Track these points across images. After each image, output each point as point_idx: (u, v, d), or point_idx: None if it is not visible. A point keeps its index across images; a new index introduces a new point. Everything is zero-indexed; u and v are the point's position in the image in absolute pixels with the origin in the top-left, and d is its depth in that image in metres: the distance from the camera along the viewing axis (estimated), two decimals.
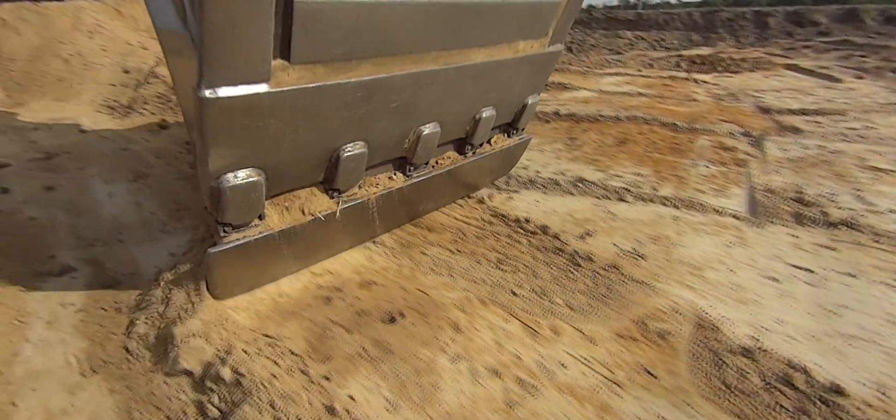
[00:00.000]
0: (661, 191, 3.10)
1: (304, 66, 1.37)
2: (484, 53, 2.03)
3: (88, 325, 1.63)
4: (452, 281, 1.99)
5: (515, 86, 2.42)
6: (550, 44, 2.44)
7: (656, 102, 5.96)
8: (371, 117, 1.68)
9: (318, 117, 1.50)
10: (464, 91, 2.06)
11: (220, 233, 1.52)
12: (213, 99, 1.19)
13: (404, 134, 1.95)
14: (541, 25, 2.27)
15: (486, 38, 1.98)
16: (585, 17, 11.96)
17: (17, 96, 5.04)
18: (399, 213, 2.33)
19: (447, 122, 2.11)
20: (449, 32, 1.77)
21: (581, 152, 4.03)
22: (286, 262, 1.83)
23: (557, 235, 2.41)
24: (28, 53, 5.29)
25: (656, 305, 1.89)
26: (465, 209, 2.77)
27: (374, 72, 1.57)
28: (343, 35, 1.39)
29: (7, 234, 2.20)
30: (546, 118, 5.22)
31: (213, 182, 1.39)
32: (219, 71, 1.17)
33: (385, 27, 1.49)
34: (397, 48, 1.60)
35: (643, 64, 9.22)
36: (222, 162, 1.36)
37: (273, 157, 1.48)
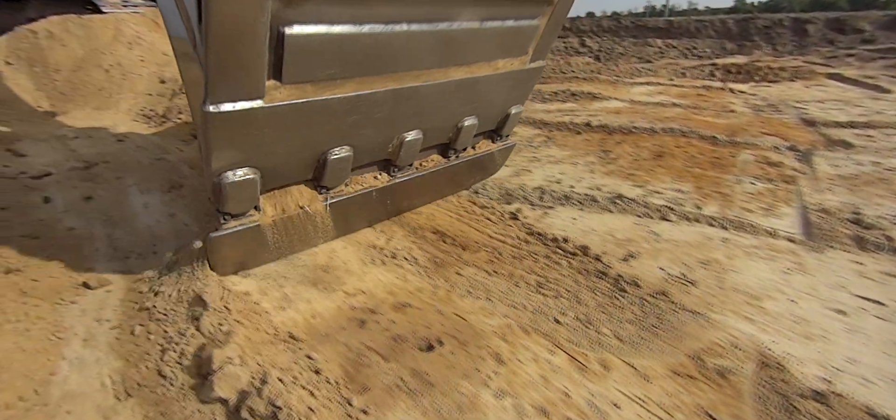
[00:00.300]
0: (706, 209, 2.93)
1: (294, 85, 1.60)
2: (464, 71, 2.21)
3: (123, 344, 1.60)
4: (491, 305, 1.89)
5: (497, 98, 2.60)
6: (531, 61, 2.61)
7: (692, 113, 5.74)
8: (356, 126, 1.90)
9: (307, 127, 1.74)
10: (445, 103, 2.25)
11: (221, 220, 1.77)
12: (216, 113, 1.44)
13: (388, 140, 2.16)
14: (520, 46, 2.45)
15: (465, 58, 2.17)
16: (613, 25, 11.75)
17: (61, 105, 5.22)
18: (383, 209, 2.51)
19: (429, 130, 2.30)
20: (427, 55, 1.96)
21: (616, 166, 3.88)
22: (277, 247, 2.03)
23: (599, 257, 2.29)
24: (72, 64, 5.48)
25: (713, 339, 1.75)
26: (498, 225, 2.68)
27: (357, 89, 1.78)
28: (328, 60, 1.62)
29: (48, 245, 2.22)
30: (577, 129, 5.09)
31: (215, 178, 1.63)
32: (221, 91, 1.41)
33: (366, 53, 1.71)
34: (378, 69, 1.81)
35: (675, 73, 8.95)
36: (223, 163, 1.61)
37: (267, 159, 1.73)
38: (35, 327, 1.64)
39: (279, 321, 1.73)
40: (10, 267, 1.96)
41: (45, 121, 4.84)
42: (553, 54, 10.67)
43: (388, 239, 2.47)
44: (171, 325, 1.67)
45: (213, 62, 1.33)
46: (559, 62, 9.86)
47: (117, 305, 1.86)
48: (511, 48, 2.43)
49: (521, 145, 4.61)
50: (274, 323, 1.71)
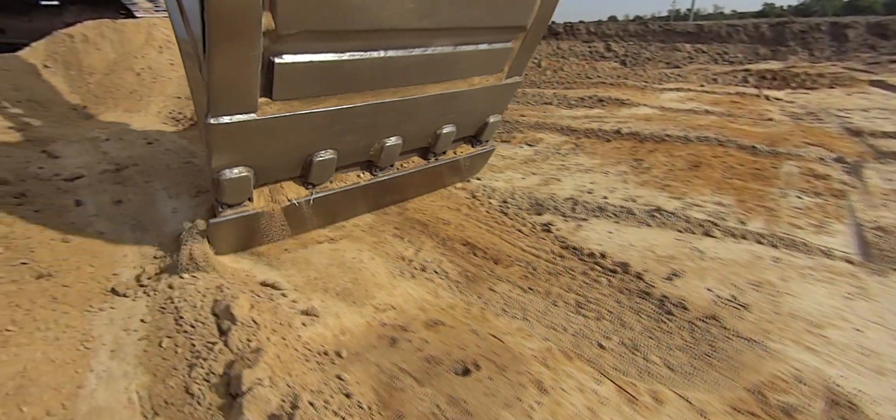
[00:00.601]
0: (751, 225, 2.76)
1: (282, 102, 1.87)
2: (440, 87, 2.43)
3: (151, 357, 1.56)
4: (529, 326, 1.79)
5: (474, 109, 2.84)
6: (507, 77, 2.83)
7: (727, 121, 5.51)
8: (338, 133, 2.17)
9: (294, 135, 2.01)
10: (422, 114, 2.49)
11: (219, 209, 2.05)
12: (216, 124, 1.71)
13: (369, 145, 2.41)
14: (495, 65, 2.67)
15: (441, 77, 2.40)
16: (640, 30, 11.47)
17: (94, 107, 5.34)
18: (365, 204, 2.77)
19: (409, 136, 2.55)
20: (404, 75, 2.20)
21: (650, 176, 3.72)
22: (268, 232, 2.32)
23: (641, 275, 2.15)
24: (105, 67, 5.61)
25: (774, 371, 1.60)
26: (530, 238, 2.57)
27: (339, 104, 2.03)
28: (312, 82, 1.89)
29: (78, 250, 2.21)
30: (606, 137, 4.93)
31: (214, 175, 1.92)
32: (221, 107, 1.69)
33: (346, 75, 1.97)
34: (358, 88, 2.07)
35: (706, 78, 8.67)
36: (221, 163, 1.90)
37: (259, 160, 2.02)
38: (64, 336, 1.62)
39: (308, 336, 1.66)
40: (41, 272, 1.95)
41: (78, 122, 4.95)
42: (578, 59, 10.48)
43: (417, 250, 2.39)
44: (198, 338, 1.61)
45: (214, 84, 1.61)
46: (584, 67, 9.67)
47: (145, 313, 1.82)
48: (486, 67, 2.64)
49: (548, 153, 4.49)
50: (303, 338, 1.64)
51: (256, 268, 2.22)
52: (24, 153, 3.78)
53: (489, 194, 3.26)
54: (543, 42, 11.54)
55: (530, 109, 6.58)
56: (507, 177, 3.76)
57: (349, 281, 2.08)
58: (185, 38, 2.05)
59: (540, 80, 8.69)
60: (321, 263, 2.24)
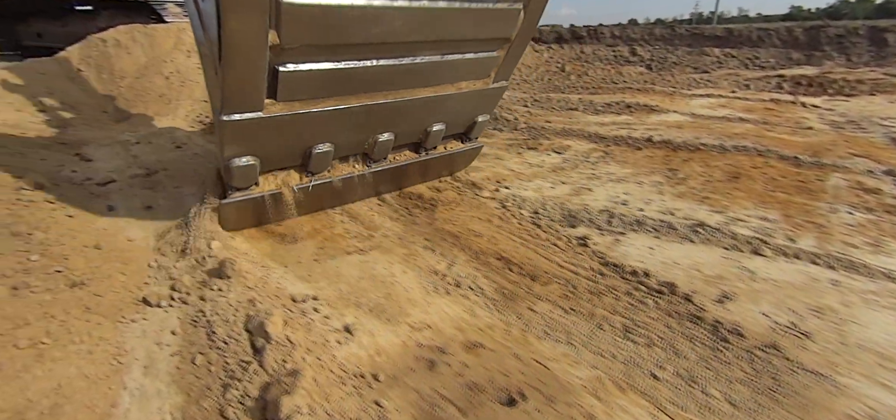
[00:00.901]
0: (802, 242, 2.60)
1: (285, 102, 2.13)
2: (430, 91, 2.66)
3: (184, 375, 1.51)
4: (575, 352, 1.68)
5: (462, 110, 3.08)
6: (494, 82, 3.04)
7: (765, 130, 5.29)
8: (335, 130, 2.44)
9: (295, 130, 2.28)
10: (413, 114, 2.73)
11: (228, 192, 2.35)
12: (228, 121, 1.98)
13: (364, 139, 2.68)
14: (481, 71, 2.89)
15: (430, 82, 2.64)
16: (666, 34, 11.20)
17: (124, 110, 5.43)
18: (361, 191, 2.99)
19: (401, 133, 2.79)
20: (396, 81, 2.46)
21: (687, 187, 3.57)
22: (272, 213, 2.58)
23: (689, 297, 2.03)
24: (135, 71, 5.71)
25: (847, 411, 1.46)
26: (567, 253, 2.46)
27: (336, 104, 2.29)
28: (311, 86, 2.16)
29: (110, 257, 2.20)
30: (636, 145, 4.77)
31: (225, 162, 2.20)
32: (232, 106, 1.94)
33: (343, 81, 2.23)
34: (353, 91, 2.33)
35: (737, 84, 8.39)
36: (231, 152, 2.18)
37: (265, 150, 2.29)
38: (98, 349, 1.58)
39: (344, 357, 1.59)
40: (75, 280, 1.93)
41: (109, 125, 5.04)
42: (603, 64, 10.29)
43: (450, 264, 2.31)
44: (231, 356, 1.56)
45: (227, 87, 1.86)
46: (610, 72, 9.48)
47: (176, 326, 1.78)
48: (473, 73, 2.85)
49: (577, 160, 4.36)
50: (338, 359, 1.57)
51: (287, 278, 2.17)
52: (58, 156, 3.84)
53: (519, 205, 3.16)
54: (566, 46, 11.38)
55: (556, 115, 6.45)
56: (535, 186, 3.65)
57: (382, 296, 2.01)
58: (202, 41, 2.25)
59: (564, 85, 8.54)
60: (352, 276, 2.18)
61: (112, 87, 5.61)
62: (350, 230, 2.79)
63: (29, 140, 4.06)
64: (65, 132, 4.56)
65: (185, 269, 2.16)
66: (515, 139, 5.21)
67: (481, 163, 4.25)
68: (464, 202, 3.20)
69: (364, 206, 3.18)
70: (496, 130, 5.72)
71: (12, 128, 4.20)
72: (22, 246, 2.02)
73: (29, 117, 4.48)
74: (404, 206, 3.19)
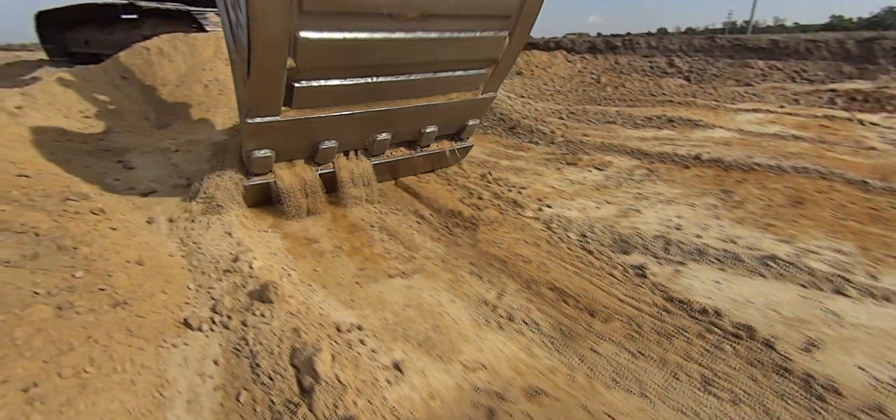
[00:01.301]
0: (886, 281, 2.34)
1: (298, 109, 2.59)
2: (423, 100, 3.10)
3: (229, 413, 1.42)
4: (651, 406, 1.51)
5: (454, 115, 3.51)
6: (483, 93, 3.46)
7: (823, 150, 4.94)
8: (340, 130, 2.90)
9: (305, 130, 2.75)
10: (408, 119, 3.18)
11: (249, 177, 2.89)
12: (251, 123, 2.45)
13: (364, 137, 3.15)
14: (470, 85, 3.30)
15: (423, 94, 3.07)
16: (706, 44, 10.79)
17: (165, 117, 5.53)
18: (360, 181, 3.24)
19: (397, 133, 3.25)
20: (392, 93, 2.89)
21: (745, 212, 3.32)
22: (285, 195, 2.96)
23: (771, 343, 1.82)
24: (176, 79, 5.81)
25: None
26: (625, 285, 2.28)
27: (341, 111, 2.75)
28: (321, 97, 2.60)
29: (152, 273, 2.15)
30: (684, 162, 4.52)
31: (247, 153, 2.71)
32: (255, 111, 2.41)
33: (347, 93, 2.68)
34: (355, 101, 2.78)
35: (785, 99, 7.95)
36: (252, 146, 2.67)
37: (279, 145, 2.80)
38: (140, 379, 1.51)
39: (395, 400, 1.47)
40: (117, 299, 1.88)
41: (150, 133, 5.13)
42: (639, 75, 9.98)
43: (500, 294, 2.16)
44: (277, 395, 1.46)
45: (252, 98, 2.35)
46: (647, 84, 9.17)
47: (219, 354, 1.70)
48: (463, 87, 3.26)
49: (620, 178, 4.16)
50: (389, 402, 1.45)
51: (329, 303, 2.07)
52: (103, 164, 3.90)
53: (565, 226, 2.99)
54: (600, 56, 11.11)
55: (593, 129, 6.23)
56: (579, 205, 3.48)
57: (430, 328, 1.88)
58: (232, 48, 2.70)
59: (600, 97, 8.29)
60: (397, 304, 2.06)
61: (154, 94, 5.73)
62: (390, 250, 2.69)
63: (75, 146, 4.15)
64: (108, 138, 4.65)
65: (227, 289, 2.09)
66: (553, 154, 5.03)
67: (520, 178, 4.10)
68: (506, 222, 3.06)
69: (403, 223, 3.07)
70: (532, 144, 5.56)
71: (60, 134, 4.30)
72: (67, 261, 1.99)
73: (76, 123, 4.59)
74: (444, 224, 3.07)
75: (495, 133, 6.12)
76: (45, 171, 2.99)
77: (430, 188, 3.70)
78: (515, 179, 4.07)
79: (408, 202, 3.45)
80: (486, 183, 3.89)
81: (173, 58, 5.89)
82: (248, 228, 2.79)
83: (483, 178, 4.06)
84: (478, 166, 4.40)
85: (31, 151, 3.68)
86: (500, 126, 6.25)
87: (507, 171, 4.35)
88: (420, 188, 3.68)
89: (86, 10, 9.47)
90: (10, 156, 3.20)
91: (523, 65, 10.83)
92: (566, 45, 12.00)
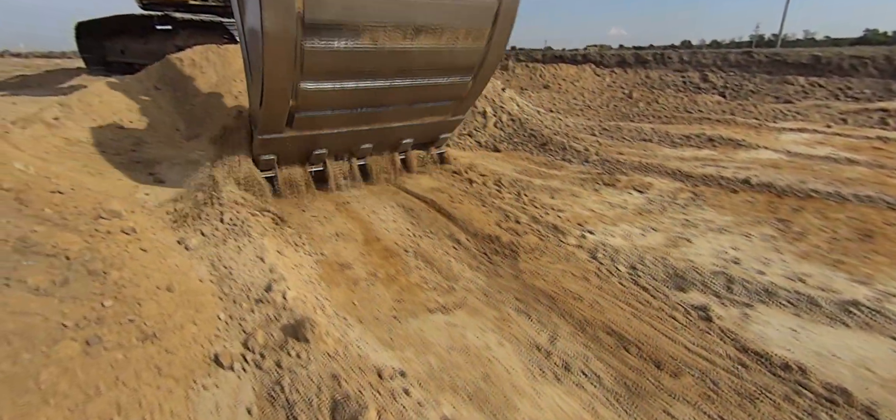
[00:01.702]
0: None
1: (297, 129, 3.35)
2: (398, 122, 3.89)
3: None
4: None
5: (427, 133, 4.28)
6: (452, 116, 4.23)
7: (884, 176, 4.58)
8: (330, 142, 3.71)
9: (302, 143, 3.54)
10: (387, 134, 3.97)
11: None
12: (261, 138, 3.30)
13: (351, 148, 3.93)
14: (441, 112, 4.08)
15: (399, 119, 3.86)
16: (743, 60, 10.39)
17: (195, 128, 5.54)
18: (347, 178, 4.01)
19: (378, 144, 4.04)
20: (373, 120, 3.71)
21: (809, 245, 3.04)
22: (285, 189, 3.75)
23: (873, 413, 1.58)
24: (207, 90, 5.83)
25: None
26: (689, 330, 2.06)
27: (330, 130, 3.55)
28: (316, 122, 3.42)
29: (182, 301, 2.04)
30: (731, 186, 4.25)
31: (256, 155, 3.51)
32: (265, 130, 3.22)
33: (336, 120, 3.50)
34: (342, 125, 3.58)
35: (832, 118, 7.55)
36: (261, 152, 3.47)
37: (281, 152, 3.58)
38: None
39: None
40: (146, 331, 1.77)
41: (181, 144, 5.13)
42: (673, 90, 9.66)
43: (552, 337, 1.97)
44: None
45: (263, 120, 3.15)
46: (682, 100, 8.85)
47: (252, 400, 1.56)
48: (434, 113, 4.06)
49: (663, 202, 3.92)
50: None
51: (367, 341, 1.92)
52: (134, 175, 3.87)
53: (612, 256, 2.79)
54: (630, 70, 10.83)
55: (628, 147, 5.99)
56: (623, 231, 3.26)
57: (480, 377, 1.71)
58: (250, 78, 3.71)
59: (633, 113, 8.03)
60: (441, 345, 1.89)
61: (185, 105, 5.76)
62: (427, 279, 2.53)
63: (108, 158, 4.15)
64: (140, 150, 4.65)
65: (259, 321, 1.96)
66: (589, 174, 4.82)
67: (557, 200, 3.91)
68: (548, 250, 2.87)
69: (439, 248, 2.92)
70: (565, 162, 5.36)
71: (95, 145, 4.31)
72: (97, 288, 1.89)
73: (109, 135, 4.61)
74: (482, 250, 2.90)
75: (526, 149, 5.93)
76: (78, 186, 2.95)
77: (464, 209, 3.54)
78: (552, 201, 3.88)
79: (442, 225, 3.29)
80: (522, 205, 3.71)
81: (205, 69, 5.93)
82: (277, 242, 2.68)
83: (518, 198, 3.88)
84: (511, 185, 4.23)
85: (66, 163, 3.68)
86: (530, 142, 6.07)
87: (541, 191, 4.16)
88: (454, 209, 3.52)
89: (122, 20, 9.74)
90: (47, 169, 3.18)
91: (550, 78, 10.63)
92: (594, 59, 11.76)
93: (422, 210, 3.57)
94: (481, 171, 4.53)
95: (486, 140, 6.11)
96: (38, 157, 3.39)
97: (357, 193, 3.93)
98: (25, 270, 1.82)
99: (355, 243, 2.95)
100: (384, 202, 3.75)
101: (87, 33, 10.32)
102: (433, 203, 3.68)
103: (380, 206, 3.63)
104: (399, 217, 3.44)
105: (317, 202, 3.72)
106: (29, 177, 2.72)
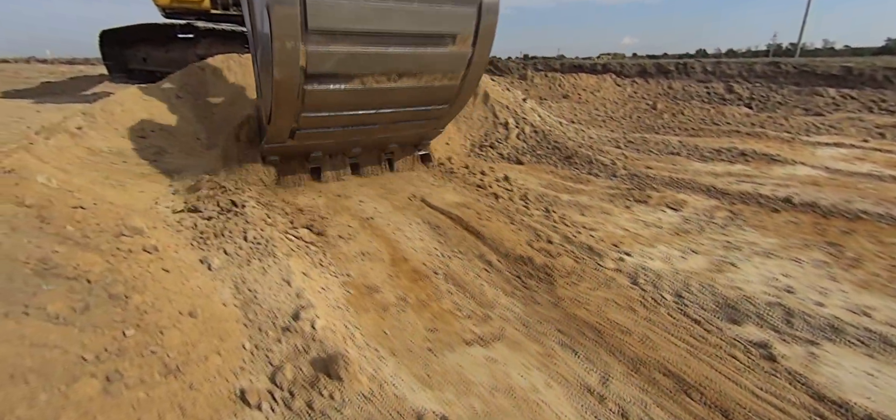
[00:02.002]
0: None
1: (297, 139, 4.03)
2: (383, 134, 4.59)
3: None
4: None
5: (412, 139, 5.00)
6: (433, 129, 4.91)
7: None
8: (325, 147, 4.45)
9: (301, 148, 4.31)
10: (375, 141, 4.73)
11: None
12: (267, 147, 4.17)
13: (344, 151, 4.69)
14: (422, 127, 4.74)
15: (384, 133, 4.56)
16: (769, 70, 10.10)
17: (214, 137, 5.50)
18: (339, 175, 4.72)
19: (366, 149, 4.81)
20: (362, 135, 4.40)
21: (867, 273, 2.82)
22: (288, 182, 4.46)
23: None
24: (227, 99, 5.80)
25: None
26: (754, 373, 1.87)
27: (327, 140, 4.28)
28: (313, 137, 4.12)
29: (206, 329, 1.93)
30: (772, 206, 4.03)
31: (263, 155, 4.35)
32: (271, 141, 4.05)
33: (332, 133, 4.14)
34: (336, 138, 4.27)
35: (867, 132, 7.24)
36: (267, 155, 4.32)
37: (283, 154, 4.34)
38: None
39: None
40: (169, 364, 1.66)
41: (201, 153, 5.08)
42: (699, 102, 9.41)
43: (604, 378, 1.81)
44: None
45: (270, 134, 3.87)
46: (709, 111, 8.61)
47: None
48: (415, 127, 4.67)
49: (700, 221, 3.72)
50: None
51: (402, 378, 1.78)
52: (155, 188, 3.81)
53: (655, 282, 2.61)
54: (652, 81, 10.60)
55: (655, 160, 5.78)
56: (662, 254, 3.08)
57: None
58: (260, 90, 4.39)
59: (658, 125, 7.81)
60: (483, 385, 1.74)
61: (206, 113, 5.73)
62: (460, 305, 2.38)
63: (130, 168, 4.11)
64: (161, 159, 4.61)
65: (287, 353, 1.83)
66: (617, 189, 4.63)
67: (588, 217, 3.74)
68: (586, 274, 2.70)
69: (470, 271, 2.77)
70: (592, 176, 5.17)
71: (116, 154, 4.28)
72: (119, 315, 1.79)
73: (131, 144, 4.58)
74: (515, 273, 2.75)
75: (549, 162, 5.77)
76: (100, 200, 2.88)
77: (492, 227, 3.39)
78: (582, 219, 3.71)
79: (471, 244, 3.15)
80: (552, 223, 3.55)
81: (226, 78, 5.90)
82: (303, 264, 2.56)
83: (547, 215, 3.72)
84: (537, 200, 4.07)
85: (88, 174, 3.63)
86: (554, 155, 5.90)
87: (570, 207, 4.00)
88: (482, 227, 3.38)
89: (145, 29, 9.86)
90: (70, 181, 3.12)
91: (570, 88, 10.46)
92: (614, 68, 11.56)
93: (448, 227, 3.43)
94: (508, 186, 4.40)
95: (509, 152, 5.96)
96: (60, 169, 3.34)
97: (381, 209, 3.81)
98: (45, 296, 1.73)
99: (382, 263, 2.82)
100: (409, 218, 3.62)
101: (110, 41, 10.47)
102: (459, 220, 3.54)
103: (405, 223, 3.50)
104: (425, 235, 3.31)
105: (339, 218, 3.61)
106: (51, 191, 2.65)
